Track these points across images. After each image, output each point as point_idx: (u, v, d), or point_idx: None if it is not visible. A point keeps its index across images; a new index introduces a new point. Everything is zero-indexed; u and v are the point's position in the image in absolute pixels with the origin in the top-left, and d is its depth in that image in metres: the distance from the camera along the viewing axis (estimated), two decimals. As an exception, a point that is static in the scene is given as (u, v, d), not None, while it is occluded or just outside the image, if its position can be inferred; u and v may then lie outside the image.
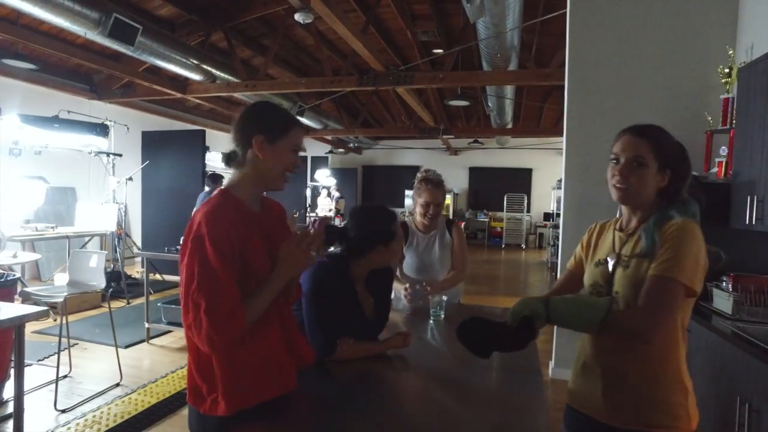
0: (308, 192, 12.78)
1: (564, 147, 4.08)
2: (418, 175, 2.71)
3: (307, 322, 1.68)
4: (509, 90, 7.92)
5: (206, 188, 6.58)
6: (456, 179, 14.73)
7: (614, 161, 1.37)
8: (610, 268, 1.37)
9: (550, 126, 11.87)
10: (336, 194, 10.95)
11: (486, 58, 5.96)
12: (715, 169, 3.23)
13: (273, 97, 7.98)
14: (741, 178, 2.83)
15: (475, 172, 14.70)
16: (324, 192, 11.35)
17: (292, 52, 7.95)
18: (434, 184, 2.62)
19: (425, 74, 6.52)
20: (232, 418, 1.25)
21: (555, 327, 3.93)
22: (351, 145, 14.15)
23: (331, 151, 13.97)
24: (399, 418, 1.37)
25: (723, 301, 2.67)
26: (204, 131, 7.94)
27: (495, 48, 5.45)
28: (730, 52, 3.42)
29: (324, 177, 12.06)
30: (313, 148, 14.02)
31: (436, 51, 7.62)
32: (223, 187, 1.39)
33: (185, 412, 3.24)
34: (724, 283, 2.77)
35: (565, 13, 4.14)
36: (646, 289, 1.21)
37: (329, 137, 12.54)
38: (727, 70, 3.31)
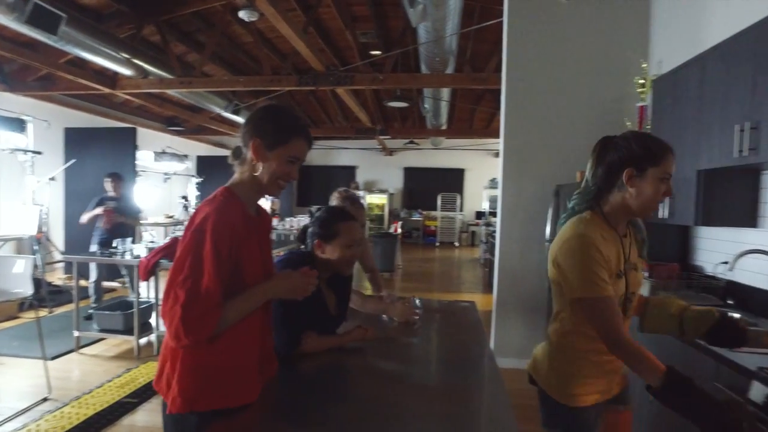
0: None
1: (501, 148, 4.32)
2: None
3: (273, 316, 1.72)
4: (445, 93, 8.21)
5: (108, 191, 5.42)
6: (391, 179, 14.99)
7: (667, 179, 1.41)
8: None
9: (481, 128, 12.38)
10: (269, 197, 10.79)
11: (425, 62, 6.16)
12: (633, 169, 3.58)
13: (208, 95, 7.76)
14: (656, 177, 3.17)
15: (410, 172, 15.03)
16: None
17: (229, 50, 7.76)
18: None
19: (365, 75, 6.62)
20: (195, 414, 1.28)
21: (493, 316, 4.14)
22: (287, 144, 13.97)
23: (266, 151, 13.72)
24: (359, 409, 1.44)
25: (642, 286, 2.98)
26: (135, 129, 7.55)
27: (434, 52, 5.65)
28: (644, 65, 3.80)
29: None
30: (247, 148, 13.70)
31: (373, 53, 7.75)
32: (227, 185, 1.38)
33: (126, 421, 3.13)
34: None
35: (500, 22, 4.41)
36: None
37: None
38: (642, 81, 3.68)
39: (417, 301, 2.22)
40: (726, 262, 2.71)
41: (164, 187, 10.61)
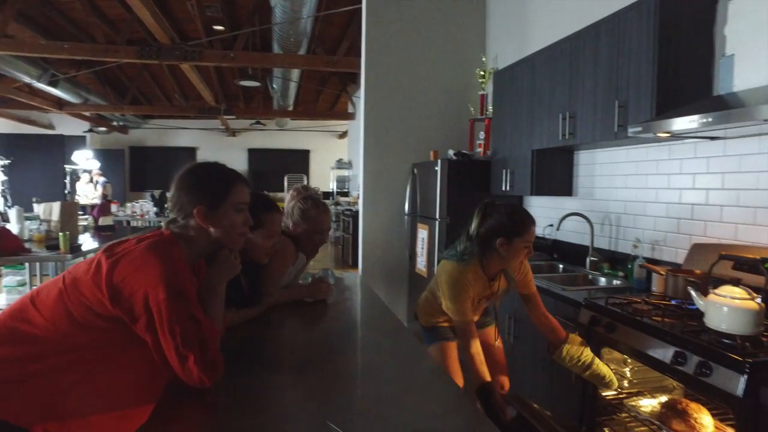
0: (67, 178, 10.86)
1: (362, 131, 4.61)
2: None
3: None
4: (295, 74, 8.23)
5: None
6: (235, 161, 14.40)
7: (528, 246, 1.97)
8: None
9: (326, 109, 12.63)
10: (101, 179, 9.59)
11: (278, 41, 6.13)
12: (478, 150, 4.18)
13: (14, 61, 6.60)
14: (497, 156, 3.78)
15: (255, 154, 14.65)
16: (85, 177, 9.82)
17: (40, 9, 6.66)
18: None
19: (215, 52, 6.32)
20: None
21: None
22: (115, 123, 12.46)
23: (90, 130, 12.07)
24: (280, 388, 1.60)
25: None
26: None
27: (289, 32, 5.68)
28: (483, 58, 4.42)
29: (84, 160, 10.41)
30: (67, 126, 11.91)
31: (217, 28, 7.38)
32: (173, 236, 1.31)
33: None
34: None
35: (355, 8, 4.64)
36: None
37: (87, 113, 10.85)
38: (482, 73, 4.29)
39: (330, 273, 2.35)
40: (552, 225, 3.40)
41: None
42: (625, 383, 2.24)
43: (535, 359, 2.67)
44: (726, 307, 1.63)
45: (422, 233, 4.22)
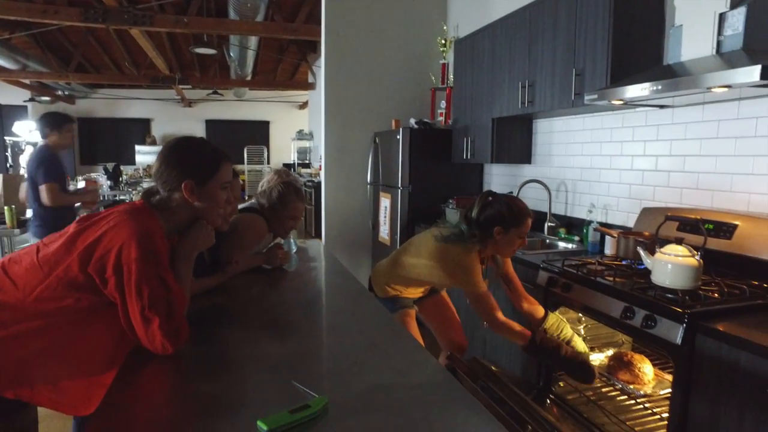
0: (8, 150, 10.24)
1: (322, 100, 4.54)
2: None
3: None
4: (253, 41, 7.96)
5: (43, 138, 3.43)
6: (192, 132, 13.87)
7: (523, 236, 2.06)
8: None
9: (285, 79, 12.31)
10: (47, 152, 9.07)
11: (234, 7, 5.89)
12: (440, 119, 4.21)
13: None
14: (458, 124, 3.81)
15: (213, 125, 14.19)
16: (29, 149, 9.29)
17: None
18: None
19: (168, 17, 6.01)
20: None
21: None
22: (60, 92, 11.76)
23: (32, 99, 11.35)
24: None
25: (452, 214, 3.62)
26: None
27: (245, -3, 5.46)
28: (445, 27, 4.40)
29: (27, 131, 9.83)
30: (5, 95, 11.14)
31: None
32: (150, 207, 1.32)
33: None
34: (450, 204, 3.74)
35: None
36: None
37: (27, 81, 10.19)
38: (443, 41, 4.27)
39: (293, 242, 2.35)
40: (511, 192, 3.48)
41: None
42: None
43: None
44: (670, 264, 1.73)
45: (385, 202, 4.24)
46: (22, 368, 1.18)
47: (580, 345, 2.14)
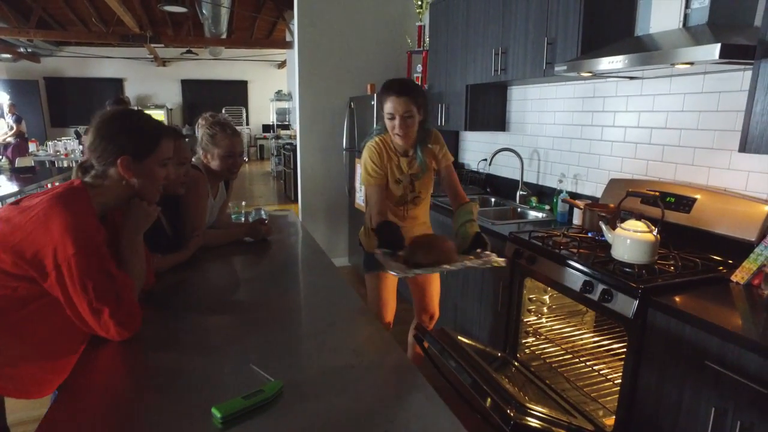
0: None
1: (296, 63, 4.42)
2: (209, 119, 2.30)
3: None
4: (226, -3, 7.63)
5: None
6: (167, 93, 13.55)
7: (390, 117, 1.95)
8: (409, 181, 2.13)
9: (262, 37, 11.90)
10: (12, 116, 8.69)
11: (203, -38, 5.61)
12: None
13: None
14: (434, 90, 3.76)
15: (189, 85, 13.79)
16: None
17: None
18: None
19: (132, -29, 5.69)
20: None
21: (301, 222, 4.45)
22: (22, 50, 11.22)
23: (-7, 58, 10.84)
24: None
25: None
26: None
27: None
28: (421, -13, 4.25)
29: (-9, 91, 9.42)
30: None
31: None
32: (84, 185, 1.26)
33: None
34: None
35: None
36: (451, 175, 2.16)
37: (-12, 39, 9.68)
38: (419, 2, 4.15)
39: (263, 213, 2.35)
40: (485, 159, 3.48)
41: None
42: (545, 309, 2.45)
43: (466, 291, 2.84)
44: (629, 239, 1.78)
45: (360, 168, 4.21)
46: None
47: (471, 229, 2.00)
